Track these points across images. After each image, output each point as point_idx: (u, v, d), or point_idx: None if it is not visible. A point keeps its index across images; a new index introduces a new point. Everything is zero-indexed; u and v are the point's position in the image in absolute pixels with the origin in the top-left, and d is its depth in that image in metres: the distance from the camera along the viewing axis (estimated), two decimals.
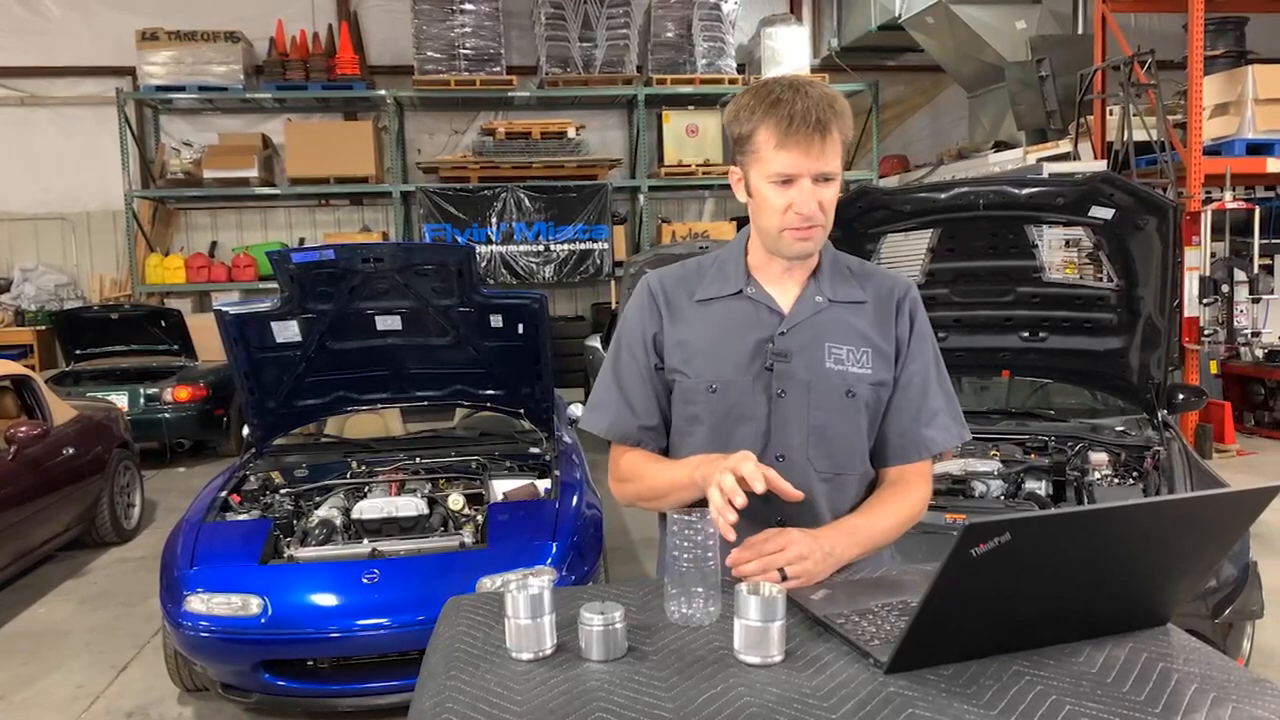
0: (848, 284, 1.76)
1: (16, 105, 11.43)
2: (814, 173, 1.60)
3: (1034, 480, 3.98)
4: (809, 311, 1.72)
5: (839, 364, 1.70)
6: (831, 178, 1.62)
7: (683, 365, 1.74)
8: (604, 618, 1.30)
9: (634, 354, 1.78)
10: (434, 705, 1.19)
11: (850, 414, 1.71)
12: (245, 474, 4.51)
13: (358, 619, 3.54)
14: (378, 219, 12.00)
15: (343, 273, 4.15)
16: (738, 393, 1.70)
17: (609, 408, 1.80)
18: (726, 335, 1.72)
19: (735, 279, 1.75)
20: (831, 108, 1.59)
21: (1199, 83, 7.73)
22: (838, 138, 1.61)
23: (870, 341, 1.72)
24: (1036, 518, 1.17)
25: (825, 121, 1.58)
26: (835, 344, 1.70)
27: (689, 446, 1.75)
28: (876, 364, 1.72)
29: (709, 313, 1.75)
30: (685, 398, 1.75)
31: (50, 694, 4.20)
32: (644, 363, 1.77)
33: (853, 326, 1.72)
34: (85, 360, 9.30)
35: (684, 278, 1.80)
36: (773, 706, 1.14)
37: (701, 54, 11.27)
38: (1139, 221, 3.75)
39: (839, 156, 1.62)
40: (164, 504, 7.12)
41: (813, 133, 1.57)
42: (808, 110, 1.57)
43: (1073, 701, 1.13)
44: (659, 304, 1.78)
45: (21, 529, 5.24)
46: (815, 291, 1.73)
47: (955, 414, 1.79)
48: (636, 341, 1.78)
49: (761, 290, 1.74)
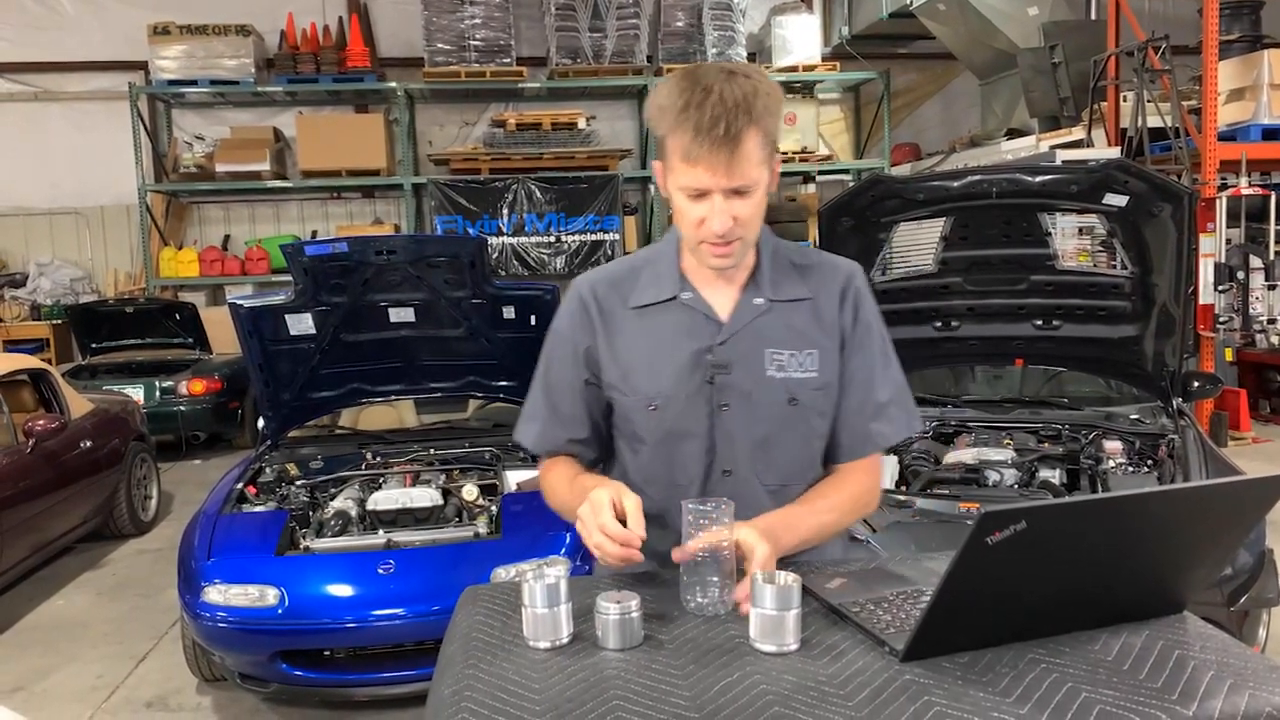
0: (789, 280, 1.66)
1: (30, 100, 11.48)
2: (724, 189, 1.49)
3: (1048, 469, 3.97)
4: (748, 317, 1.63)
5: (781, 370, 1.61)
6: (746, 191, 1.50)
7: (620, 383, 1.66)
8: (620, 606, 1.31)
9: (563, 366, 1.71)
10: (452, 694, 1.20)
11: (795, 423, 1.64)
12: (261, 466, 4.54)
13: (373, 609, 3.57)
14: (389, 211, 12.02)
15: (356, 265, 4.17)
16: (679, 409, 1.62)
17: (537, 420, 1.76)
18: (664, 347, 1.64)
19: (670, 283, 1.66)
20: (748, 112, 1.45)
21: (1214, 68, 7.65)
22: (754, 144, 1.48)
23: (815, 341, 1.64)
24: (1052, 505, 1.18)
25: (736, 132, 1.45)
26: (776, 349, 1.62)
27: (635, 466, 1.70)
28: (823, 364, 1.64)
29: (644, 322, 1.66)
30: (626, 416, 1.68)
31: (70, 684, 4.24)
32: (573, 376, 1.70)
33: (795, 328, 1.64)
34: (101, 354, 9.36)
35: (617, 282, 1.70)
36: (788, 694, 1.15)
37: (712, 43, 11.23)
38: (1153, 209, 3.73)
39: (758, 163, 1.49)
40: (180, 496, 7.17)
41: (719, 148, 1.45)
42: (716, 120, 1.44)
43: (1089, 689, 1.13)
44: (591, 314, 1.68)
45: (40, 521, 5.29)
46: (754, 293, 1.64)
47: (904, 404, 1.70)
48: (566, 354, 1.71)
49: (698, 296, 1.64)
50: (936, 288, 4.28)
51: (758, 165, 1.50)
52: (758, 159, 1.50)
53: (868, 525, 3.53)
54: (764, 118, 1.48)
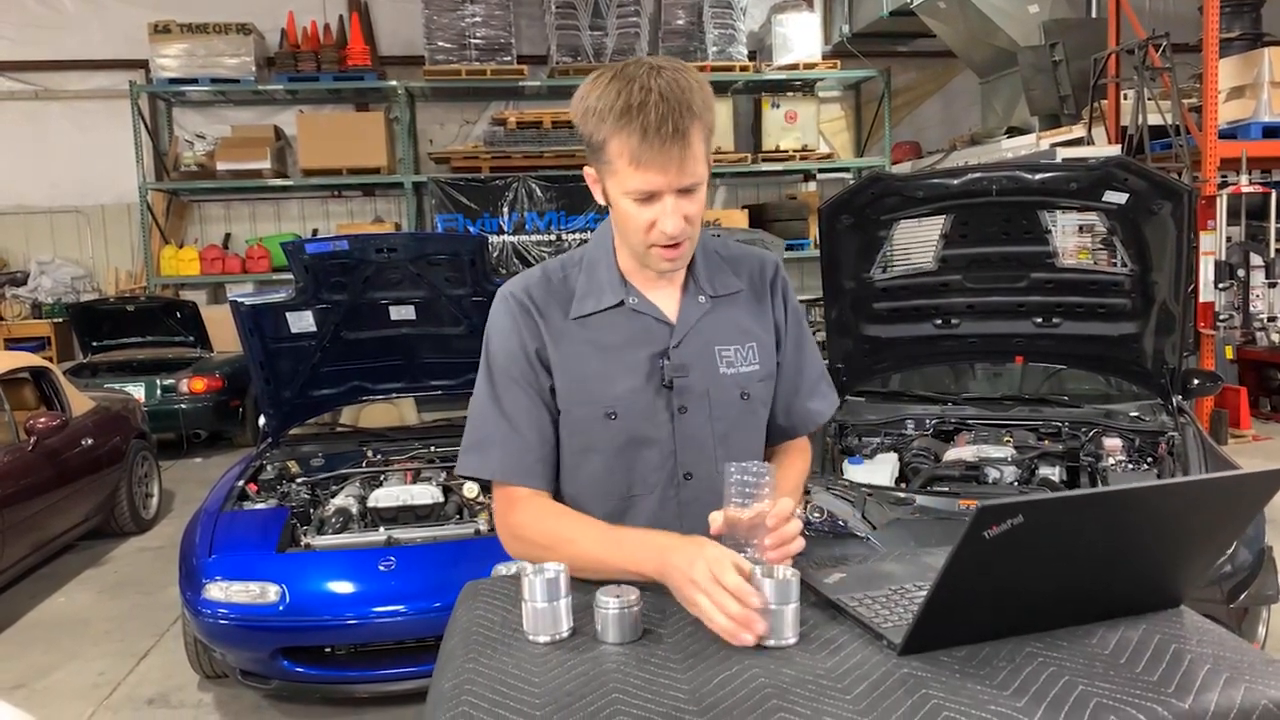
0: (722, 273, 1.67)
1: (30, 99, 11.49)
2: (676, 188, 1.47)
3: (1047, 466, 3.97)
4: (695, 316, 1.62)
5: (730, 367, 1.62)
6: (694, 188, 1.49)
7: (574, 392, 1.59)
8: (620, 600, 1.31)
9: (516, 377, 1.59)
10: (453, 687, 1.20)
11: (747, 415, 1.66)
12: (262, 464, 4.55)
13: (374, 606, 3.58)
14: (390, 210, 12.03)
15: (356, 263, 4.18)
16: (638, 415, 1.58)
17: (495, 445, 1.60)
18: (617, 354, 1.59)
19: (611, 289, 1.61)
20: (690, 109, 1.43)
21: (1214, 66, 7.66)
22: (699, 139, 1.46)
23: (752, 333, 1.66)
24: (1050, 500, 1.18)
25: (684, 129, 1.43)
26: (724, 345, 1.63)
27: (583, 478, 1.63)
28: (762, 356, 1.66)
29: (590, 332, 1.60)
30: (576, 429, 1.61)
31: (72, 681, 4.25)
32: (533, 383, 1.59)
33: (735, 322, 1.65)
34: (102, 352, 9.38)
35: (551, 290, 1.62)
36: (786, 687, 1.16)
37: (712, 41, 11.25)
38: (1153, 206, 3.74)
39: (702, 159, 1.48)
40: (181, 494, 7.19)
41: (670, 146, 1.43)
42: (663, 119, 1.41)
43: (1085, 682, 1.14)
44: (534, 317, 1.60)
45: (41, 519, 5.30)
46: (696, 291, 1.64)
47: (828, 379, 1.78)
48: (518, 362, 1.59)
49: (644, 299, 1.61)
50: (936, 285, 4.29)
51: (703, 161, 1.50)
52: (702, 155, 1.49)
53: (868, 522, 3.54)
54: (705, 112, 1.47)
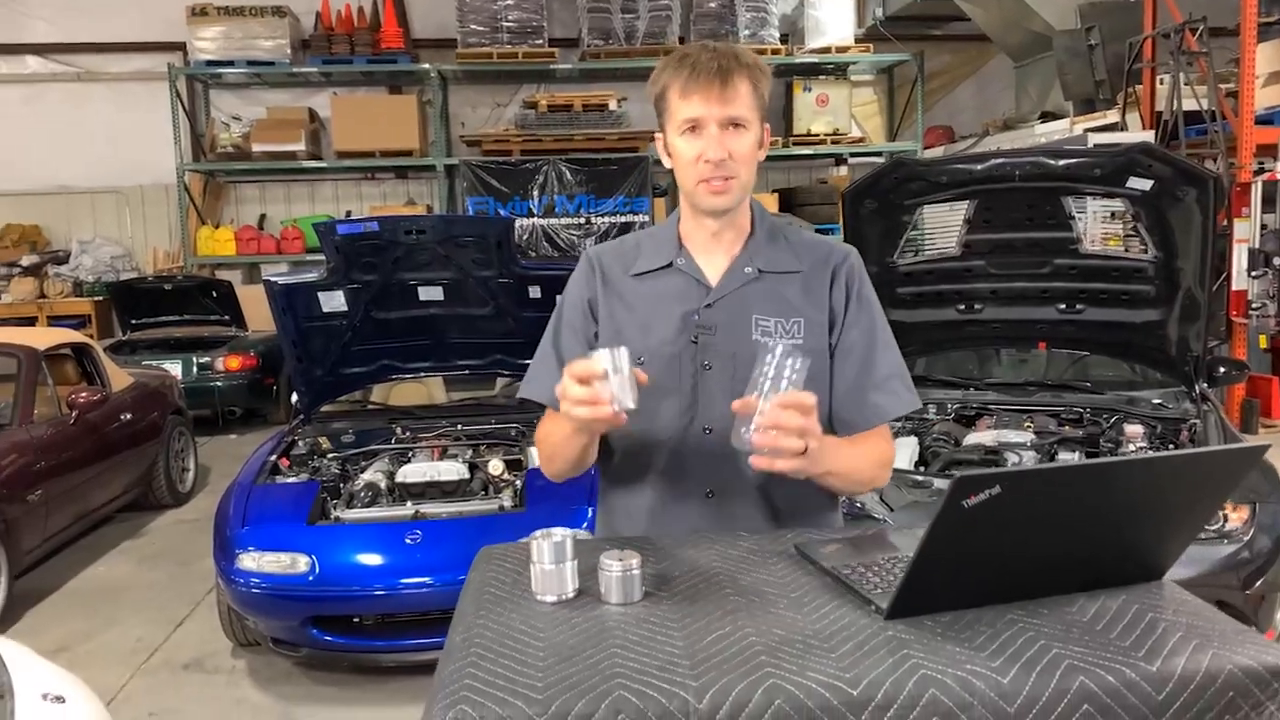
0: (782, 253, 1.75)
1: (72, 81, 11.72)
2: (719, 118, 1.62)
3: (1067, 451, 3.98)
4: (736, 283, 1.72)
5: (766, 335, 1.67)
6: (741, 124, 1.63)
7: (608, 340, 1.71)
8: (622, 564, 1.38)
9: (573, 323, 1.79)
10: (463, 640, 1.28)
11: None
12: (294, 439, 4.66)
13: (401, 578, 3.68)
14: (422, 192, 12.15)
15: (386, 244, 4.26)
16: (663, 365, 1.69)
17: (544, 376, 1.75)
18: (657, 309, 1.73)
19: (667, 251, 1.76)
20: (737, 59, 1.63)
21: (1252, 50, 7.55)
22: (745, 88, 1.63)
23: (802, 312, 1.71)
24: (1026, 471, 1.24)
25: (728, 69, 1.61)
26: (763, 316, 1.70)
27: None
28: (809, 334, 1.70)
29: (642, 287, 1.76)
30: None
31: (112, 646, 4.41)
32: (582, 330, 1.77)
33: (784, 297, 1.71)
34: (140, 330, 9.59)
35: (622, 253, 1.81)
36: (775, 645, 1.22)
37: (744, 24, 11.21)
38: (1178, 193, 3.73)
39: (749, 107, 1.64)
40: (216, 469, 7.35)
41: (714, 78, 1.61)
42: (711, 59, 1.62)
43: (1060, 646, 1.19)
44: (595, 275, 1.79)
45: (82, 491, 5.47)
46: (745, 262, 1.73)
47: (905, 380, 1.75)
48: (576, 310, 1.79)
49: (691, 262, 1.74)
50: (960, 270, 4.30)
51: (750, 108, 1.64)
52: (750, 103, 1.64)
53: (885, 504, 3.58)
54: (752, 70, 1.64)
